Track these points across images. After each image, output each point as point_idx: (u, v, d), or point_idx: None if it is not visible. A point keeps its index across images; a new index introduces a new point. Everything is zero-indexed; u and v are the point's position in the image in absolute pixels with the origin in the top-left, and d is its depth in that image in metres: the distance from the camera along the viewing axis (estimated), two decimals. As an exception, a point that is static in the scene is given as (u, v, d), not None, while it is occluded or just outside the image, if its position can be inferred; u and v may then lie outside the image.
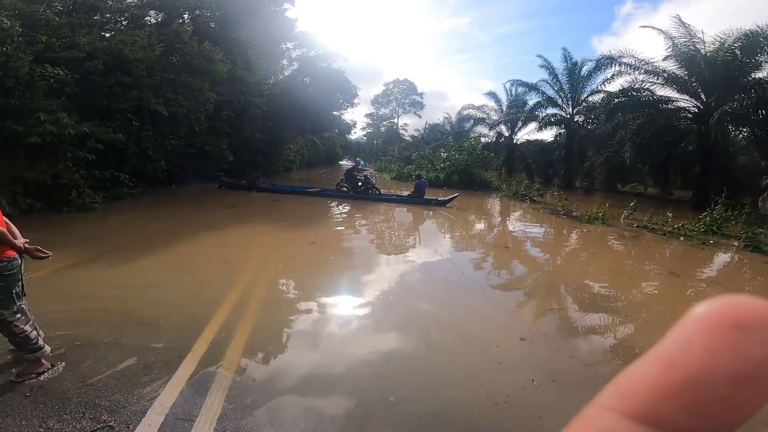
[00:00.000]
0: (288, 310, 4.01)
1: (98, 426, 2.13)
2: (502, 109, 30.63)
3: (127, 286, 4.35)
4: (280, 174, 21.75)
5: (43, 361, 2.60)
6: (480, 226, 10.76)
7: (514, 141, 29.50)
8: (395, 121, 54.75)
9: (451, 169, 19.71)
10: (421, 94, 54.36)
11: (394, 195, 14.64)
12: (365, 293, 4.57)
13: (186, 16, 16.66)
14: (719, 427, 0.15)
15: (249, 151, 17.76)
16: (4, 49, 7.47)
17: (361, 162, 17.41)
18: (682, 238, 9.06)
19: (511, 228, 10.72)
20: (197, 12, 16.98)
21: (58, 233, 6.64)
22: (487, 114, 31.69)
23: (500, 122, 29.44)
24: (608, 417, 0.16)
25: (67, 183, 8.33)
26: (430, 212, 11.91)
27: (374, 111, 55.19)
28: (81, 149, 8.67)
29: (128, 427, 2.14)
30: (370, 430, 2.31)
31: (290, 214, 9.96)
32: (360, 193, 13.66)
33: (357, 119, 42.97)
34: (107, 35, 12.19)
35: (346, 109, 31.65)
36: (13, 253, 2.48)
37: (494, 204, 15.50)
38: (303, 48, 23.18)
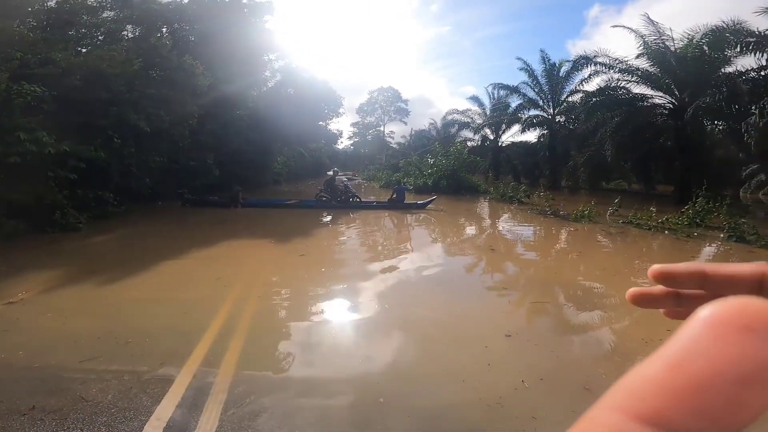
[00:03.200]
0: (280, 322, 4.00)
1: (94, 443, 2.08)
2: (485, 113, 31.09)
3: (118, 305, 4.26)
4: (268, 187, 21.61)
5: None
6: (468, 229, 10.84)
7: (500, 144, 29.91)
8: (381, 129, 55.12)
9: (439, 174, 19.86)
10: (405, 101, 54.93)
11: (374, 202, 14.89)
12: (355, 301, 4.59)
13: (164, 30, 16.57)
14: (726, 429, 0.15)
15: (235, 164, 17.60)
16: None
17: (339, 172, 17.53)
18: (667, 232, 9.26)
19: (499, 230, 10.83)
20: (176, 26, 16.91)
21: (43, 254, 6.47)
22: (472, 118, 32.13)
23: (485, 126, 29.85)
24: (614, 418, 0.16)
25: (50, 203, 8.14)
26: (419, 217, 11.97)
27: (360, 120, 55.53)
28: (62, 168, 8.47)
29: (124, 444, 2.09)
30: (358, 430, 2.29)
31: (278, 227, 9.88)
32: (340, 201, 13.73)
33: (343, 129, 43.14)
34: (83, 51, 12.05)
35: (332, 118, 31.76)
36: None
37: (482, 207, 15.64)
38: (285, 59, 23.25)
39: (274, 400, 2.59)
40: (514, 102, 27.67)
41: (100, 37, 14.81)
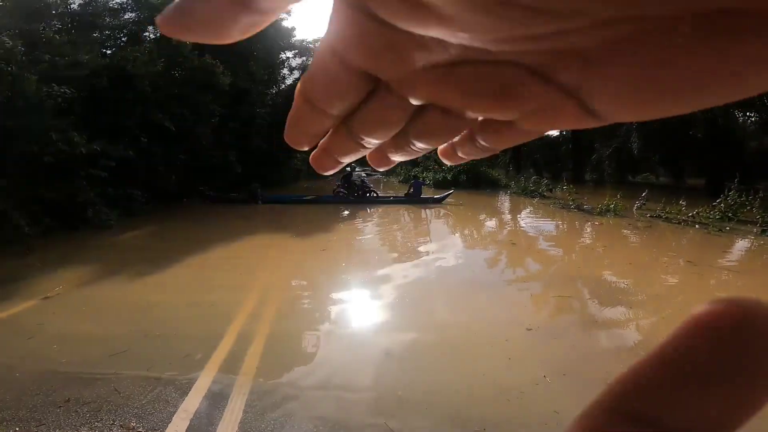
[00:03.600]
0: (303, 316, 4.07)
1: (127, 432, 2.17)
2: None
3: (147, 299, 4.42)
4: (288, 183, 21.87)
5: None
6: (489, 224, 10.71)
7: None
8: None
9: (458, 169, 19.67)
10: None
11: (391, 197, 14.90)
12: (375, 295, 4.64)
13: None
14: (721, 427, 0.14)
15: (256, 162, 17.90)
16: (9, 69, 7.60)
17: (357, 168, 17.68)
18: (697, 226, 8.91)
19: (520, 224, 10.66)
20: None
21: (77, 251, 6.75)
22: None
23: (504, 120, 29.36)
24: (609, 416, 0.15)
25: (83, 201, 8.44)
26: (439, 212, 11.92)
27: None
28: (94, 167, 8.78)
29: (155, 433, 2.17)
30: (377, 423, 2.33)
31: (299, 222, 10.02)
32: (357, 196, 13.77)
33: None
34: (108, 52, 12.45)
35: (351, 115, 31.84)
36: None
37: (503, 202, 15.43)
38: (303, 57, 23.42)
39: (296, 391, 2.65)
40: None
41: (123, 39, 15.28)
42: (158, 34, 15.99)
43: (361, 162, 1.43)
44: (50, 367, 2.90)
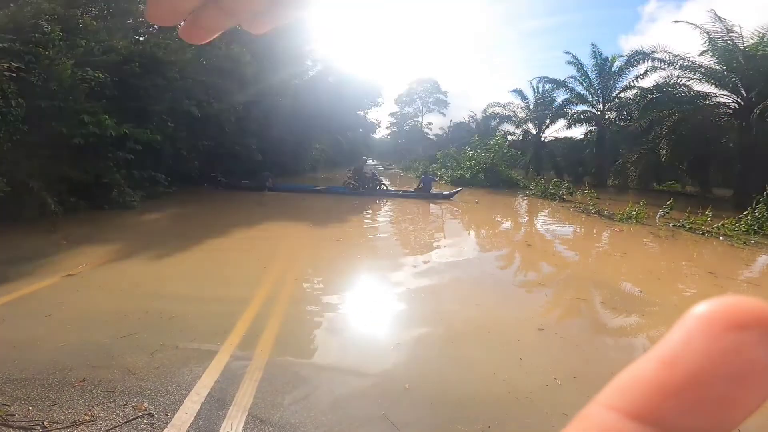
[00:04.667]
0: (316, 304, 4.13)
1: (139, 414, 2.24)
2: (528, 107, 29.94)
3: (165, 280, 4.57)
4: (306, 173, 22.07)
5: None
6: (504, 224, 10.61)
7: (542, 139, 28.79)
8: (419, 119, 54.51)
9: (477, 167, 19.47)
10: (445, 93, 53.88)
11: (401, 190, 15.12)
12: (388, 289, 4.68)
13: None
14: (718, 426, 0.15)
15: (276, 151, 18.10)
16: (47, 53, 7.85)
17: (368, 160, 18.02)
18: (721, 238, 8.63)
19: (537, 226, 10.52)
20: None
21: (101, 230, 7.00)
22: (514, 112, 31.02)
23: (527, 120, 28.81)
24: (608, 416, 0.16)
25: (109, 182, 8.71)
26: (453, 209, 11.86)
27: (398, 110, 55.09)
28: (121, 150, 9.03)
29: (167, 415, 2.25)
30: (381, 413, 2.37)
31: (313, 212, 10.14)
32: (368, 189, 13.94)
33: (381, 118, 43.00)
34: (141, 39, 12.69)
35: (371, 108, 31.82)
36: None
37: (521, 203, 15.22)
38: (326, 49, 23.48)
39: (306, 379, 2.71)
40: (560, 96, 26.46)
41: (155, 26, 15.57)
42: None
43: (380, 155, 1.44)
44: (67, 345, 2.94)
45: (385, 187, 14.62)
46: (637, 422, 0.15)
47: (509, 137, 29.01)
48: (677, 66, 17.03)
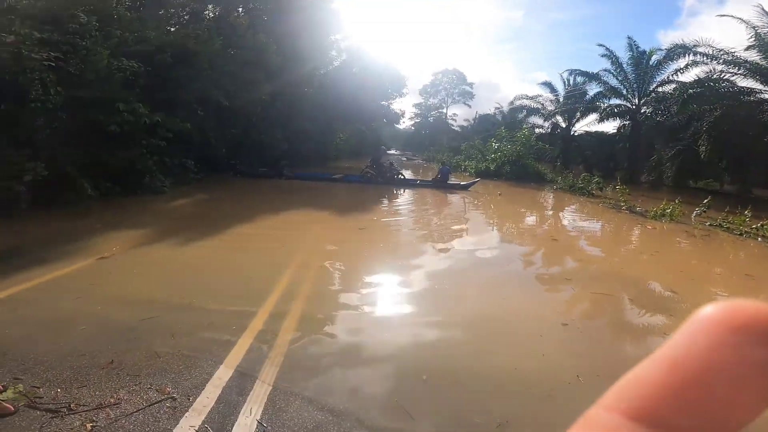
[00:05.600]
0: (339, 291, 4.17)
1: (163, 397, 2.30)
2: (558, 100, 29.00)
3: (191, 264, 4.70)
4: (329, 162, 22.22)
5: None
6: (529, 218, 10.39)
7: (572, 132, 27.88)
8: (444, 111, 53.80)
9: (503, 159, 19.08)
10: (470, 84, 52.98)
11: (418, 180, 15.26)
12: (410, 279, 4.66)
13: (240, 9, 17.32)
14: (721, 429, 0.15)
15: (301, 140, 18.27)
16: (84, 43, 8.12)
17: (387, 150, 18.25)
18: (760, 240, 8.16)
19: (563, 221, 10.24)
20: (251, 5, 17.57)
21: (133, 214, 7.26)
22: (542, 104, 30.11)
23: (556, 113, 27.90)
24: (612, 417, 0.16)
25: (141, 168, 9.02)
26: (476, 201, 11.73)
27: (422, 101, 54.51)
28: (153, 137, 9.30)
29: (188, 399, 2.29)
30: (398, 403, 2.36)
31: (336, 200, 10.25)
32: (385, 178, 14.00)
33: (405, 109, 42.68)
34: (172, 29, 12.96)
35: (395, 98, 31.60)
36: None
37: (547, 196, 14.84)
38: (350, 39, 23.34)
39: (325, 367, 2.74)
40: (593, 90, 25.47)
41: (185, 17, 15.85)
42: (217, 13, 16.47)
43: (403, 145, 1.40)
44: (96, 327, 3.04)
45: (402, 177, 14.72)
46: (640, 424, 0.15)
47: (537, 130, 28.26)
48: (720, 61, 16.40)
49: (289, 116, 16.49)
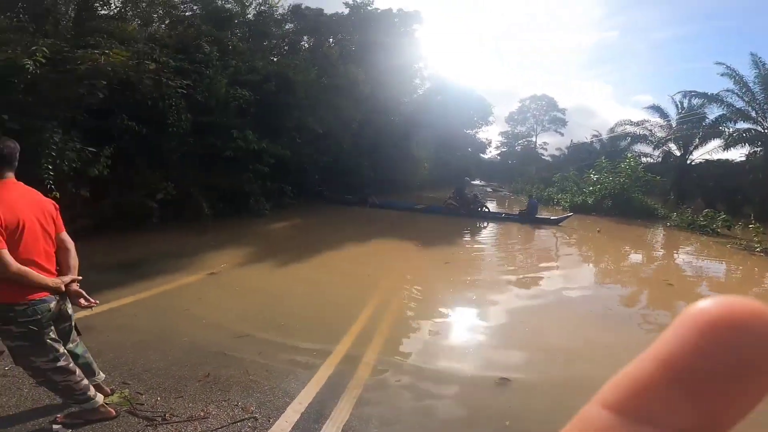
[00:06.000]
0: (423, 326, 4.08)
1: (246, 416, 2.36)
2: (670, 125, 25.91)
3: (284, 287, 4.99)
4: (413, 191, 22.39)
5: (101, 409, 2.18)
6: (635, 257, 9.22)
7: (688, 161, 24.55)
8: (533, 139, 51.46)
9: (603, 193, 17.38)
10: (562, 110, 50.10)
11: (503, 213, 14.69)
12: (497, 316, 4.50)
13: (330, 40, 18.64)
14: (714, 424, 0.15)
15: (387, 167, 18.71)
16: (208, 72, 9.09)
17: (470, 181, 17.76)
18: None
19: (679, 263, 8.87)
20: (339, 36, 18.82)
21: (238, 234, 7.97)
22: (650, 130, 27.13)
23: (669, 139, 24.91)
24: (605, 414, 0.16)
25: (248, 191, 9.77)
26: (570, 237, 10.77)
27: (509, 129, 52.84)
28: (259, 162, 10.01)
29: (269, 421, 2.34)
30: None
31: (420, 231, 10.18)
32: (469, 210, 13.55)
33: (491, 138, 41.63)
34: (275, 59, 14.15)
35: (480, 127, 31.17)
36: (41, 295, 1.91)
37: (659, 235, 13.12)
38: (434, 67, 23.76)
39: (403, 405, 2.66)
40: (713, 113, 22.35)
41: (285, 47, 17.44)
42: (312, 44, 17.97)
43: (488, 175, 1.23)
44: (198, 340, 3.28)
45: (486, 209, 14.25)
46: (632, 420, 0.15)
47: (644, 159, 25.44)
48: None
49: (375, 144, 17.01)
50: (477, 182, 48.52)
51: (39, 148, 5.50)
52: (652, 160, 26.46)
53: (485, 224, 12.56)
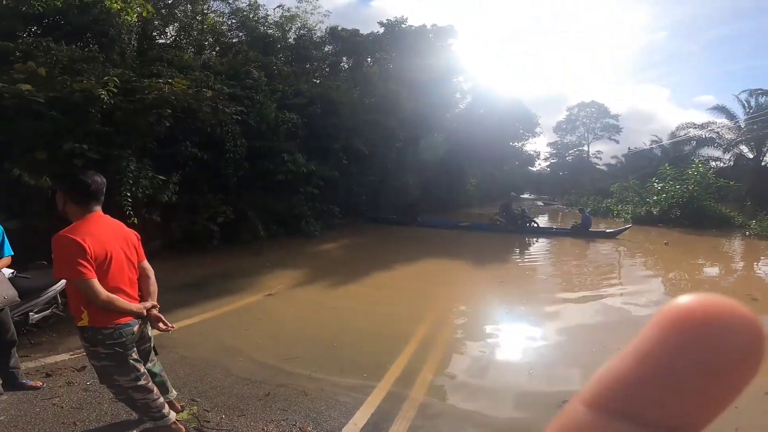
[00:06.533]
0: (477, 350, 3.95)
1: (302, 436, 2.36)
2: (739, 126, 23.73)
3: (337, 309, 5.03)
4: (460, 208, 21.95)
5: (174, 426, 2.26)
6: (711, 270, 8.38)
7: (763, 163, 22.25)
8: (584, 148, 49.08)
9: (670, 202, 16.11)
10: (616, 117, 47.48)
11: (554, 227, 14.29)
12: (559, 336, 4.31)
13: (369, 60, 18.98)
14: (693, 419, 0.15)
15: (432, 186, 18.56)
16: (258, 97, 9.40)
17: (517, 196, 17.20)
18: None
19: (761, 275, 7.97)
20: (377, 55, 19.12)
21: (291, 256, 8.20)
22: (718, 133, 24.98)
23: (739, 141, 22.79)
24: (586, 411, 0.16)
25: (299, 213, 10.05)
26: (633, 251, 10.06)
27: (558, 139, 50.81)
28: (309, 185, 10.29)
29: (324, 441, 2.33)
30: None
31: (469, 249, 9.96)
32: (518, 226, 13.09)
33: (540, 149, 40.02)
34: (317, 82, 14.43)
35: (527, 138, 30.25)
36: (126, 319, 2.04)
37: (736, 245, 11.87)
38: (474, 80, 23.38)
39: (458, 419, 2.63)
40: (788, 110, 20.18)
41: (326, 69, 17.97)
42: (351, 64, 18.42)
43: (538, 188, 1.18)
44: (258, 359, 3.40)
45: (535, 224, 13.70)
46: (613, 417, 0.16)
47: (712, 163, 23.42)
48: None
49: (420, 162, 16.96)
50: (526, 196, 46.81)
51: (117, 176, 5.85)
52: (722, 164, 24.26)
53: (535, 240, 12.04)
